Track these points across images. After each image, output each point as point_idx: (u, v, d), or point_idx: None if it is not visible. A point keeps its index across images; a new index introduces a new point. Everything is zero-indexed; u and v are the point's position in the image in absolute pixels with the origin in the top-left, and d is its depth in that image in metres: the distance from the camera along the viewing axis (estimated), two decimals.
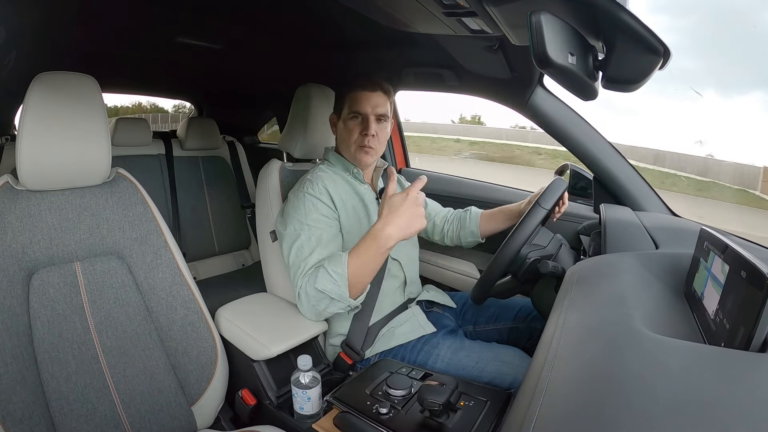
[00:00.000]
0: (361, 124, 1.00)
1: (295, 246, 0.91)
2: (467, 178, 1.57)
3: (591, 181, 1.19)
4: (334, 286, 0.84)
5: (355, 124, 1.00)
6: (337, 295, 0.85)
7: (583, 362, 0.38)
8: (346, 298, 0.85)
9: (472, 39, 0.93)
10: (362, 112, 0.99)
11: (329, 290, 0.84)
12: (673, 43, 0.50)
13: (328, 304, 0.87)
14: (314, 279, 0.86)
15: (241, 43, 1.35)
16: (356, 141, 1.00)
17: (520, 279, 0.91)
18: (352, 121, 1.00)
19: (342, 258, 0.84)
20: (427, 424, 0.69)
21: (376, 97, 0.99)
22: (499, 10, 0.67)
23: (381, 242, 0.81)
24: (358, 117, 1.00)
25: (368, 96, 0.99)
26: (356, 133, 1.00)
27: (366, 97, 0.99)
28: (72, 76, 0.77)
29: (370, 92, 0.99)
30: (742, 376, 0.32)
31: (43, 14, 1.00)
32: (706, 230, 0.51)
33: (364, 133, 0.99)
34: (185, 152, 1.98)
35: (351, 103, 1.00)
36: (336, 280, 0.84)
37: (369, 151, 1.00)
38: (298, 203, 0.95)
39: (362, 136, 1.00)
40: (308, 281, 0.87)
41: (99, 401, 0.75)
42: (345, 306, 0.88)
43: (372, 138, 0.99)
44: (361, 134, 1.00)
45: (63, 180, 0.78)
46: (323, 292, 0.85)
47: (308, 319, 0.94)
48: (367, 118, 0.99)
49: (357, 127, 1.00)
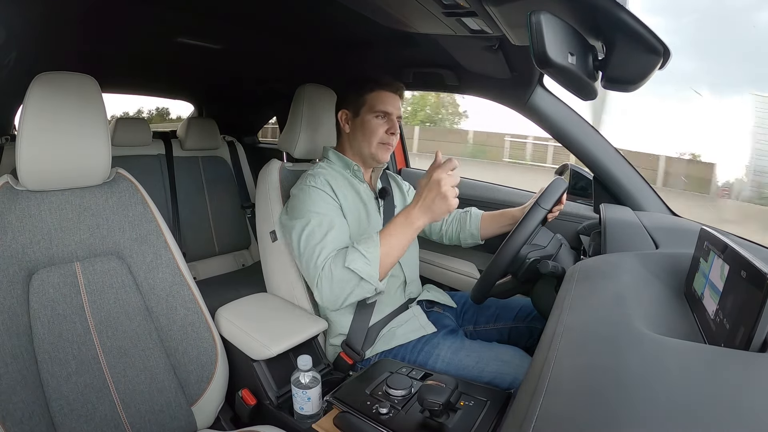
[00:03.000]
0: (387, 123, 1.03)
1: (305, 232, 0.90)
2: (467, 178, 1.57)
3: (591, 181, 1.19)
4: (365, 265, 0.83)
5: (380, 123, 1.02)
6: (368, 275, 0.83)
7: (583, 362, 0.38)
8: (375, 279, 0.85)
9: (472, 39, 0.93)
10: (389, 112, 1.02)
11: (360, 269, 0.83)
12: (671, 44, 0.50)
13: (354, 286, 0.85)
14: (342, 259, 0.84)
15: (241, 43, 1.35)
16: (381, 139, 1.02)
17: (520, 279, 0.91)
18: (377, 119, 1.02)
19: (374, 238, 0.85)
20: (427, 424, 0.69)
21: (397, 99, 1.05)
22: (499, 10, 0.67)
23: (409, 221, 0.83)
24: (383, 116, 1.02)
25: (393, 97, 1.04)
26: (381, 131, 1.02)
27: (392, 98, 1.03)
28: (72, 76, 0.77)
29: (394, 93, 1.04)
30: (742, 376, 0.32)
31: (43, 14, 0.99)
32: (706, 230, 0.51)
33: (391, 132, 1.03)
34: (185, 152, 1.97)
35: (376, 103, 1.02)
36: (369, 260, 0.83)
37: (389, 148, 1.05)
38: (303, 196, 0.96)
39: (388, 134, 1.03)
40: (334, 263, 0.85)
41: (99, 401, 0.75)
42: (371, 289, 0.86)
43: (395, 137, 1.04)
44: (387, 133, 1.03)
45: (63, 180, 0.78)
46: (354, 272, 0.83)
47: (325, 307, 0.92)
48: (393, 118, 1.03)
49: (383, 126, 1.02)
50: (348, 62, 1.40)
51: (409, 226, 0.84)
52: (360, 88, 1.03)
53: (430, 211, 0.81)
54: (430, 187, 0.80)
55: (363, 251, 0.84)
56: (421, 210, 0.82)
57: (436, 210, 0.81)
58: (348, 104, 1.05)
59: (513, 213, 1.14)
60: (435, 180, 0.79)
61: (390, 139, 1.03)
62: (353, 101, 1.04)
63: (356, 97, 1.04)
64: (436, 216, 0.82)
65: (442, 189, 0.79)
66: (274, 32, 1.24)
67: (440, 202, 0.80)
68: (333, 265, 0.85)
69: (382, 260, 0.84)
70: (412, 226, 0.84)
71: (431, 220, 0.83)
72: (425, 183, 0.81)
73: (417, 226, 0.84)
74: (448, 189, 0.79)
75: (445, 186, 0.79)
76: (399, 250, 0.86)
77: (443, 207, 0.80)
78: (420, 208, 0.82)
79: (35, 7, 0.95)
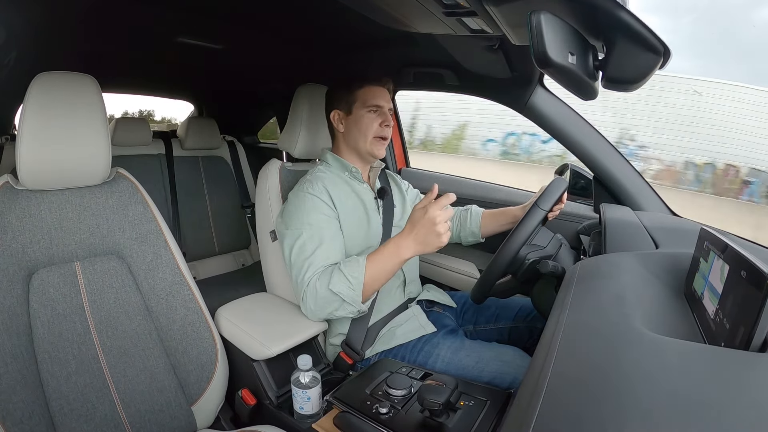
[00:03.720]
0: (381, 116, 1.03)
1: (296, 245, 0.91)
2: (467, 178, 1.57)
3: (591, 181, 1.19)
4: (349, 289, 0.85)
5: (374, 116, 1.03)
6: (350, 299, 0.85)
7: (583, 362, 0.38)
8: (358, 302, 0.86)
9: (472, 39, 0.93)
10: (381, 105, 1.03)
11: (344, 293, 0.85)
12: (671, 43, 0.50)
13: (337, 307, 0.87)
14: (327, 280, 0.86)
15: (241, 43, 1.35)
16: (376, 132, 1.03)
17: (520, 279, 0.91)
18: (370, 114, 1.02)
19: (360, 262, 0.86)
20: (427, 424, 0.69)
21: (386, 93, 1.06)
22: (499, 9, 0.67)
23: (399, 251, 0.84)
24: (376, 110, 1.03)
25: (382, 91, 1.04)
26: (376, 125, 1.03)
27: (381, 92, 1.04)
28: (72, 76, 0.77)
29: (383, 87, 1.05)
30: (742, 375, 0.32)
31: (43, 14, 1.00)
32: (706, 230, 0.51)
33: (385, 124, 1.03)
34: (185, 152, 1.98)
35: (367, 98, 1.02)
36: (352, 284, 0.85)
37: (384, 142, 1.05)
38: (298, 203, 0.96)
39: (382, 127, 1.03)
40: (319, 281, 0.87)
41: (99, 401, 0.75)
42: (354, 311, 0.88)
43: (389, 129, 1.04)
44: (381, 125, 1.03)
45: (63, 180, 0.78)
46: (337, 295, 0.85)
47: (309, 319, 0.94)
48: (385, 111, 1.04)
49: (377, 119, 1.03)
50: (348, 62, 1.40)
51: (397, 256, 0.85)
52: (349, 87, 1.04)
53: (421, 245, 0.83)
54: (424, 224, 0.81)
55: (348, 275, 0.85)
56: (412, 242, 0.83)
57: (427, 246, 0.82)
58: (339, 104, 1.06)
59: (514, 211, 1.14)
60: (430, 217, 0.80)
61: (384, 131, 1.03)
62: (344, 100, 1.04)
63: (346, 95, 1.04)
64: (426, 250, 0.83)
65: (437, 227, 0.80)
66: (274, 32, 1.24)
67: (433, 238, 0.81)
68: (318, 284, 0.87)
69: (366, 285, 0.86)
70: (400, 257, 0.85)
71: (421, 253, 0.84)
72: (420, 217, 0.82)
73: (405, 257, 0.85)
74: (441, 226, 0.80)
75: (440, 223, 0.80)
76: (384, 276, 0.87)
77: (435, 243, 0.82)
78: (411, 241, 0.83)
79: (35, 7, 0.95)
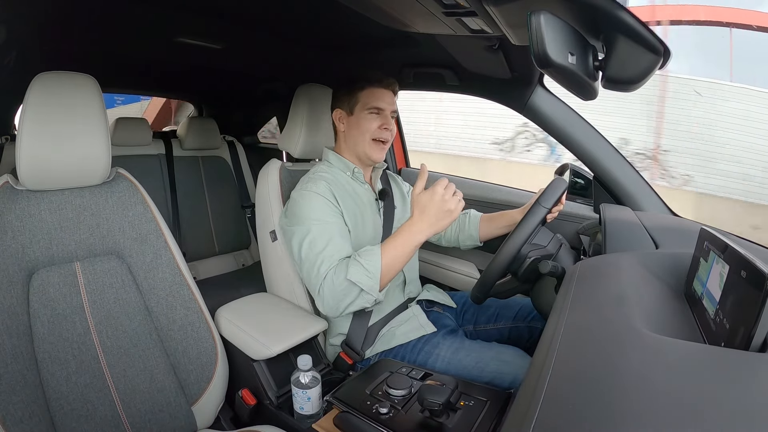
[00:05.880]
0: (381, 119, 1.02)
1: (306, 240, 0.91)
2: (467, 178, 1.57)
3: (591, 181, 1.19)
4: (367, 278, 0.85)
5: (373, 118, 1.02)
6: (368, 287, 0.85)
7: (583, 362, 0.38)
8: (376, 290, 0.86)
9: (472, 39, 0.93)
10: (382, 107, 1.02)
11: (362, 282, 0.85)
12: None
13: (354, 297, 0.86)
14: (344, 270, 0.86)
15: (241, 43, 1.35)
16: (374, 134, 1.02)
17: (520, 279, 0.91)
18: (370, 115, 1.02)
19: (375, 251, 0.87)
20: (427, 424, 0.69)
21: (391, 95, 1.04)
22: (499, 9, 0.67)
23: (412, 237, 0.86)
24: (377, 112, 1.02)
25: (385, 93, 1.03)
26: (374, 127, 1.01)
27: (384, 94, 1.02)
28: (72, 76, 0.77)
29: (387, 89, 1.03)
30: (742, 375, 0.32)
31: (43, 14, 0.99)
32: (706, 230, 0.51)
33: (384, 127, 1.02)
34: (185, 152, 1.97)
35: (369, 99, 1.01)
36: (369, 272, 0.85)
37: (383, 146, 1.04)
38: (303, 201, 0.95)
39: (381, 129, 1.02)
40: (336, 273, 0.86)
41: (99, 401, 0.75)
42: (371, 300, 0.88)
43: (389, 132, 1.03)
44: (379, 128, 1.02)
45: (63, 180, 0.78)
46: (356, 284, 0.85)
47: (325, 314, 0.93)
48: (386, 114, 1.02)
49: (376, 121, 1.02)
50: (348, 62, 1.40)
51: (411, 242, 0.86)
52: (352, 87, 1.03)
53: (434, 226, 0.84)
54: (434, 204, 0.82)
55: (364, 263, 0.85)
56: (425, 225, 0.84)
57: (441, 224, 0.84)
58: (342, 103, 1.05)
59: (512, 215, 1.14)
60: (438, 197, 0.81)
61: (383, 134, 1.02)
62: (347, 100, 1.04)
63: (349, 95, 1.03)
64: (440, 229, 0.85)
65: (447, 204, 0.81)
66: (274, 32, 1.24)
67: (444, 215, 0.83)
68: (335, 276, 0.86)
69: (384, 273, 0.86)
70: (414, 241, 0.86)
71: (435, 233, 0.86)
72: (428, 200, 0.83)
73: (419, 241, 0.86)
74: (450, 202, 0.82)
75: (448, 200, 0.81)
76: (400, 263, 0.88)
77: (447, 219, 0.84)
78: (424, 224, 0.84)
79: (35, 7, 0.95)
